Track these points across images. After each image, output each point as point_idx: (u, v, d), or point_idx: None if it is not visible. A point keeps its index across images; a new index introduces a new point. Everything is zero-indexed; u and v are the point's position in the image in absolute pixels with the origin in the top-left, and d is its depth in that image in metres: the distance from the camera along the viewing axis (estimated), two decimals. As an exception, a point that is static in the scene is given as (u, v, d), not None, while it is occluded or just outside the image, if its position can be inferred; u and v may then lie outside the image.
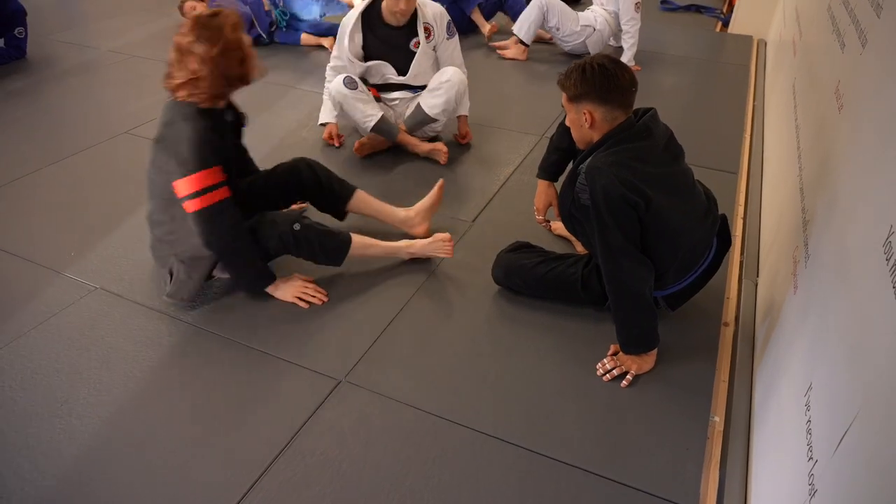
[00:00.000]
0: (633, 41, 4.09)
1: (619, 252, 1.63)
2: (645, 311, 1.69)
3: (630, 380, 1.73)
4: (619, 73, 1.62)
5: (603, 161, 1.59)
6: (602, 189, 1.57)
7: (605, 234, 1.61)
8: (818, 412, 1.09)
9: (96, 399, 1.66)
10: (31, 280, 2.09)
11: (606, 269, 1.67)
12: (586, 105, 1.63)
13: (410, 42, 2.76)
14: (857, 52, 1.58)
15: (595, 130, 1.66)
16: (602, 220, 1.60)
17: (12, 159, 2.83)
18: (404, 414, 1.63)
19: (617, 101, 1.63)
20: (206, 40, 1.70)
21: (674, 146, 1.76)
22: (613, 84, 1.61)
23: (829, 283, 1.26)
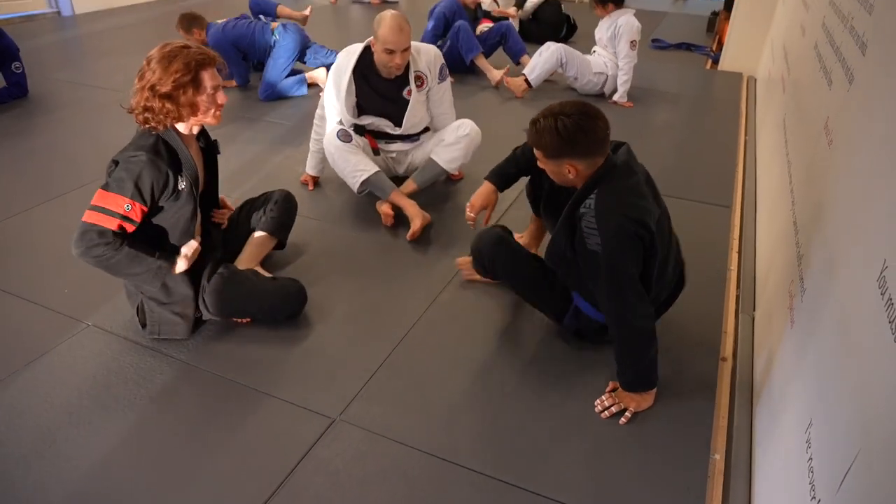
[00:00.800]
0: (626, 78, 4.19)
1: (630, 290, 1.63)
2: (649, 349, 1.68)
3: (629, 417, 1.71)
4: (594, 125, 1.61)
5: (609, 204, 1.60)
6: (616, 230, 1.58)
7: (617, 274, 1.61)
8: (820, 450, 1.08)
9: (86, 440, 1.62)
10: (23, 318, 2.07)
11: (614, 307, 1.66)
12: (567, 161, 1.63)
13: (403, 90, 2.69)
14: (845, 89, 1.61)
15: (578, 179, 1.68)
16: (615, 261, 1.60)
17: (7, 196, 2.83)
18: (401, 453, 1.60)
19: (596, 151, 1.63)
20: (154, 71, 1.70)
21: (651, 182, 1.78)
22: (592, 139, 1.61)
23: (825, 318, 1.25)
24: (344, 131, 2.65)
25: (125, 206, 1.69)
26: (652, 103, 4.37)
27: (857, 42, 1.60)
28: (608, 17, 4.18)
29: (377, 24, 2.47)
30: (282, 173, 3.13)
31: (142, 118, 1.74)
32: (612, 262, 1.60)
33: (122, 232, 1.72)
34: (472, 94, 4.44)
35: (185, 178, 1.80)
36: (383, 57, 2.52)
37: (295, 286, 2.05)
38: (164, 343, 1.95)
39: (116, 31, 5.86)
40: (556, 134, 1.60)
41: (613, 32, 4.15)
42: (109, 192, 1.70)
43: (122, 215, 1.70)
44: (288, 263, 2.39)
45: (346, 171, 2.62)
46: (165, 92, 1.69)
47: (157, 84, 1.69)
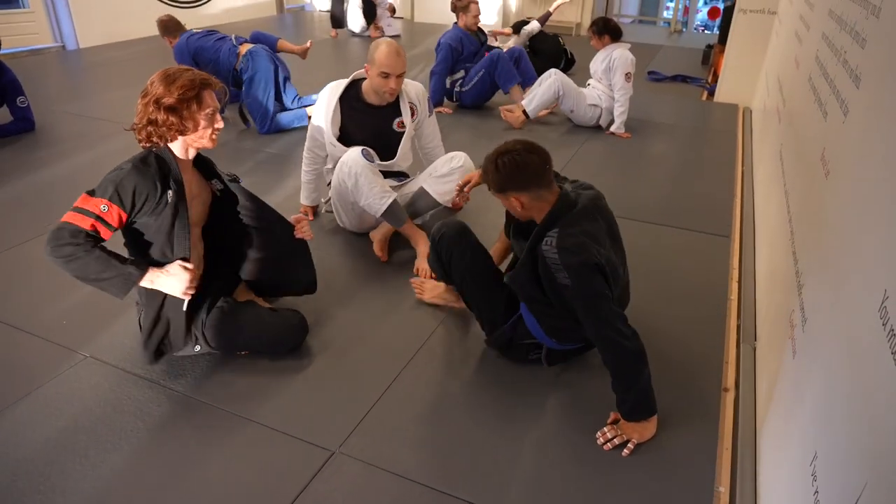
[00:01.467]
0: (622, 109, 4.25)
1: (613, 317, 1.67)
2: (643, 370, 1.69)
3: (631, 448, 1.69)
4: (528, 159, 1.71)
5: (569, 243, 1.66)
6: (579, 265, 1.64)
7: (596, 305, 1.66)
8: (826, 482, 1.06)
9: (82, 473, 1.60)
10: (21, 349, 2.05)
11: (603, 337, 1.68)
12: (511, 194, 1.74)
13: (394, 122, 2.67)
14: (840, 121, 1.63)
15: (532, 211, 1.77)
16: (588, 291, 1.65)
17: (9, 227, 2.84)
18: (401, 487, 1.58)
19: (536, 184, 1.73)
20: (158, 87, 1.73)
21: (615, 232, 1.87)
22: (526, 172, 1.71)
23: (827, 349, 1.25)
24: (366, 150, 2.57)
25: (101, 207, 1.68)
26: (649, 134, 4.42)
27: (851, 75, 1.63)
28: (604, 49, 4.26)
29: (374, 49, 2.51)
30: (285, 203, 3.15)
31: (145, 133, 1.75)
32: (586, 293, 1.65)
33: (95, 234, 1.68)
34: (474, 126, 4.49)
35: (173, 194, 1.78)
36: (378, 82, 2.53)
37: (296, 317, 2.05)
38: (162, 374, 1.93)
39: (120, 64, 5.95)
40: (496, 170, 1.73)
41: (608, 65, 4.22)
42: (90, 195, 1.70)
43: (97, 215, 1.67)
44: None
45: (371, 191, 2.48)
46: (170, 104, 1.71)
47: (163, 97, 1.71)
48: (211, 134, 1.83)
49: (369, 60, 2.54)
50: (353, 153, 2.52)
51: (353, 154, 2.52)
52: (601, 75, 4.31)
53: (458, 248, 2.01)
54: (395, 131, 2.69)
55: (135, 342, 2.06)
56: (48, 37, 6.43)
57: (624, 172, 3.75)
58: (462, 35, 4.68)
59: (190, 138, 1.80)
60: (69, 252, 1.65)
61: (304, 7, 10.13)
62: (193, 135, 1.80)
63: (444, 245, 2.03)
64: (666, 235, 2.93)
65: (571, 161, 3.83)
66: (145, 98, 1.74)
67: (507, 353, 2.03)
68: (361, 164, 2.49)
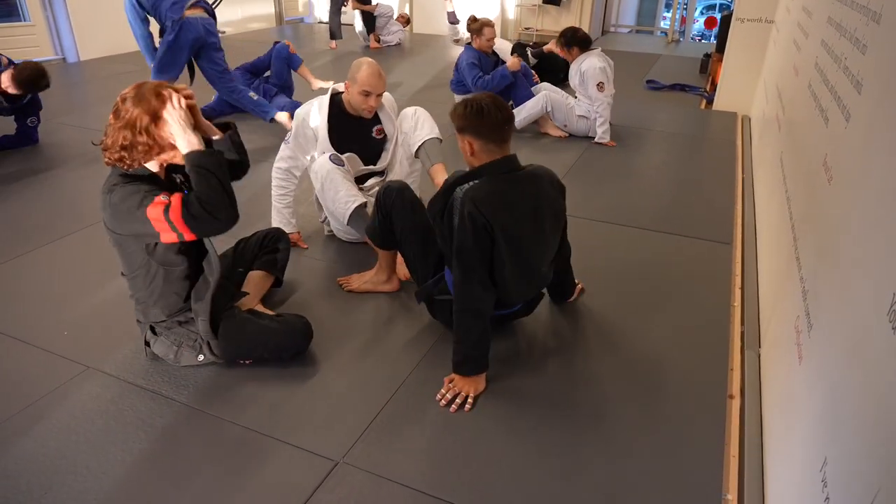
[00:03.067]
0: (602, 119, 4.28)
1: (472, 271, 1.82)
2: (483, 330, 1.86)
3: (472, 403, 1.84)
4: (493, 111, 1.84)
5: (476, 194, 1.81)
6: (468, 215, 1.78)
7: (464, 254, 1.82)
8: (836, 489, 1.05)
9: (82, 486, 1.58)
10: (22, 360, 2.04)
11: (457, 282, 1.85)
12: (467, 136, 1.87)
13: (373, 129, 2.76)
14: (842, 127, 1.63)
15: (475, 159, 1.89)
16: (464, 241, 1.81)
17: (10, 238, 2.84)
18: (406, 497, 1.57)
19: (489, 136, 1.85)
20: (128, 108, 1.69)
21: (541, 214, 1.93)
22: (486, 121, 1.84)
23: (835, 354, 1.24)
24: (336, 155, 2.60)
25: (162, 197, 1.66)
26: (649, 142, 4.43)
27: (852, 81, 1.63)
28: (574, 62, 4.27)
29: (356, 69, 2.59)
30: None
31: (117, 156, 1.71)
32: (461, 241, 1.81)
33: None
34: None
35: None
36: (358, 99, 2.61)
37: (300, 322, 2.04)
38: (163, 385, 1.92)
39: (120, 76, 5.97)
40: (462, 107, 1.87)
41: (581, 78, 4.24)
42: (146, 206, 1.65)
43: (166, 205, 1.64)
44: (286, 301, 2.39)
45: (336, 197, 2.52)
46: (144, 125, 1.67)
47: (136, 119, 1.67)
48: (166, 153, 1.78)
49: (350, 78, 2.62)
50: (322, 159, 2.58)
51: (321, 160, 2.58)
52: (577, 87, 4.33)
53: (398, 204, 2.17)
54: (376, 138, 2.78)
55: (136, 354, 2.05)
56: (49, 49, 6.45)
57: (624, 180, 3.75)
58: (479, 55, 4.72)
59: (165, 156, 1.77)
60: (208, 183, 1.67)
61: (304, 20, 10.19)
62: (167, 154, 1.76)
63: (388, 202, 2.18)
64: (667, 243, 2.93)
65: (572, 169, 3.84)
66: (119, 120, 1.69)
67: (433, 311, 2.20)
68: (326, 169, 2.54)
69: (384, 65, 6.36)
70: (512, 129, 1.91)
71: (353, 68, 2.61)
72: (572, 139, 4.42)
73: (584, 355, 2.12)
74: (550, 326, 2.28)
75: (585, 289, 2.47)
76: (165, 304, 1.90)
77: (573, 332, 2.25)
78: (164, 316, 1.92)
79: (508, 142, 1.90)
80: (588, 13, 8.73)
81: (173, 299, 1.90)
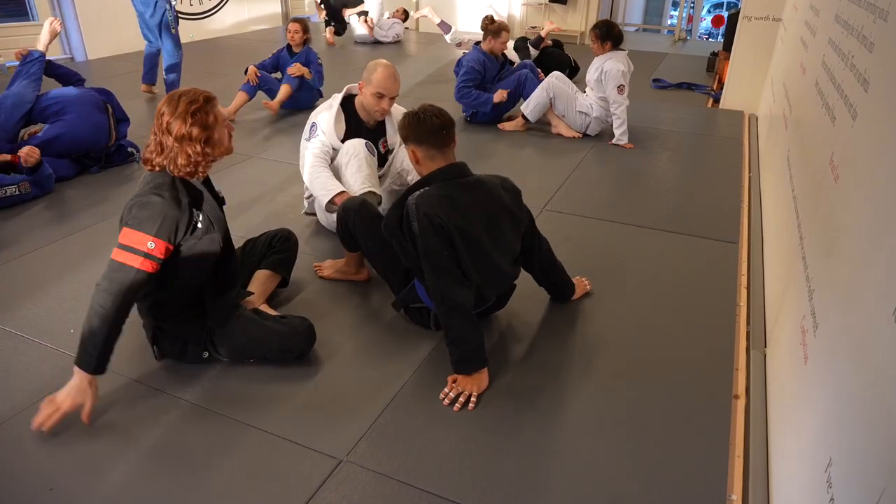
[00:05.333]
0: (620, 121, 4.23)
1: (444, 272, 1.86)
2: (472, 326, 1.88)
3: (475, 401, 1.84)
4: (429, 118, 1.91)
5: (428, 199, 1.86)
6: (425, 217, 1.83)
7: (431, 256, 1.85)
8: (841, 489, 1.05)
9: (87, 481, 1.59)
10: (28, 357, 2.06)
11: (433, 286, 1.87)
12: (410, 145, 1.95)
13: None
14: (849, 125, 1.62)
15: (422, 167, 1.96)
16: (427, 244, 1.84)
17: (18, 235, 2.86)
18: (409, 496, 1.57)
19: (428, 141, 1.92)
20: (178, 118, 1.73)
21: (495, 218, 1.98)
22: (423, 128, 1.91)
23: (840, 354, 1.23)
24: (370, 144, 2.66)
25: (148, 244, 1.70)
26: (655, 141, 4.41)
27: (859, 79, 1.62)
28: (599, 57, 4.22)
29: (371, 70, 2.60)
30: (289, 212, 3.16)
31: (178, 170, 1.76)
32: (425, 244, 1.85)
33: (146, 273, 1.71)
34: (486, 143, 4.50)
35: (203, 214, 1.82)
36: (371, 100, 2.63)
37: (304, 325, 2.04)
38: (168, 383, 1.93)
39: (127, 75, 5.99)
40: (404, 119, 1.96)
41: (600, 76, 4.19)
42: (132, 229, 1.71)
43: (145, 253, 1.70)
44: (291, 300, 2.39)
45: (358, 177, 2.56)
46: (199, 136, 1.73)
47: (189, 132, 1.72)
48: (229, 141, 1.86)
49: (365, 79, 2.62)
50: (359, 142, 2.64)
51: (359, 143, 2.63)
52: (594, 84, 4.27)
53: (359, 223, 2.20)
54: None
55: (142, 350, 2.06)
56: (57, 48, 6.48)
57: (630, 180, 3.74)
58: (485, 58, 4.63)
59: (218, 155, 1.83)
60: (101, 301, 1.69)
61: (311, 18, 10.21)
62: (219, 151, 1.83)
63: (350, 219, 2.23)
64: (673, 242, 2.92)
65: (578, 168, 3.83)
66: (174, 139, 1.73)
67: (412, 317, 2.22)
68: (362, 154, 2.60)
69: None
70: (452, 134, 1.95)
71: (368, 69, 2.61)
72: (581, 138, 4.41)
73: (589, 354, 2.11)
74: (555, 326, 2.28)
75: (592, 289, 2.46)
76: (175, 304, 1.91)
77: (578, 332, 2.25)
78: (171, 315, 1.93)
79: (450, 146, 1.95)
80: (594, 11, 8.70)
81: (184, 298, 1.91)
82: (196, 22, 7.93)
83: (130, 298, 1.73)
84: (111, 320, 1.70)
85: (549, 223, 2.99)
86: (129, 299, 1.73)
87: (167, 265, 1.78)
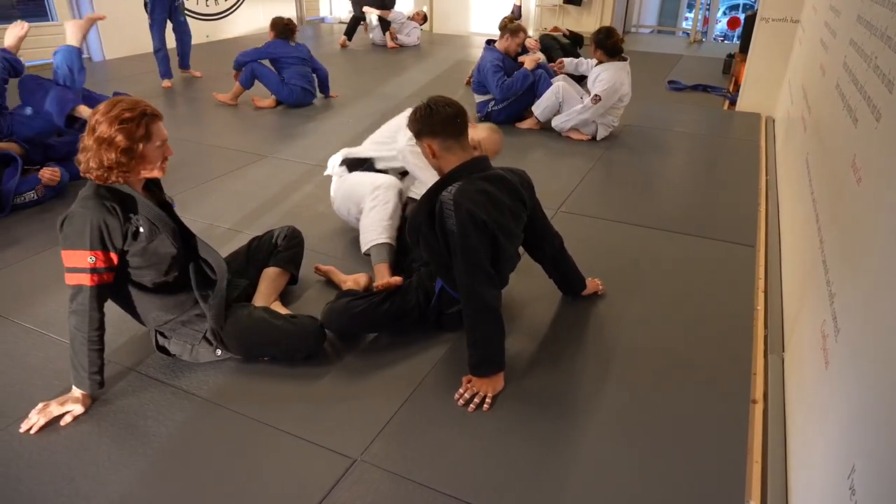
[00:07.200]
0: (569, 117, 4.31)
1: (479, 269, 1.82)
2: (498, 328, 1.86)
3: (490, 402, 1.82)
4: (440, 107, 1.87)
5: (466, 194, 1.81)
6: (467, 214, 1.78)
7: (468, 253, 1.81)
8: (865, 497, 1.03)
9: (105, 477, 1.60)
10: (46, 353, 2.07)
11: (466, 286, 1.83)
12: (425, 139, 1.90)
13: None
14: (872, 127, 1.60)
15: (441, 161, 1.91)
16: (466, 241, 1.80)
17: (32, 233, 2.88)
18: (423, 497, 1.56)
19: (443, 131, 1.87)
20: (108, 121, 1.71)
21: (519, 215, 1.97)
22: (436, 118, 1.86)
23: (864, 359, 1.21)
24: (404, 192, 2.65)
25: (89, 259, 1.70)
26: (670, 143, 4.38)
27: (883, 80, 1.60)
28: (600, 64, 4.24)
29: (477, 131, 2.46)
30: (302, 211, 3.16)
31: (102, 177, 1.74)
32: (464, 242, 1.80)
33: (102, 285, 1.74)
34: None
35: (143, 218, 1.79)
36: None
37: (314, 325, 2.04)
38: (183, 380, 1.94)
39: (143, 75, 6.05)
40: (413, 114, 1.91)
41: (593, 81, 4.23)
42: (63, 249, 1.71)
43: (90, 269, 1.70)
44: (300, 297, 2.40)
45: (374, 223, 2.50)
46: (122, 146, 1.70)
47: (113, 138, 1.70)
48: (161, 164, 1.83)
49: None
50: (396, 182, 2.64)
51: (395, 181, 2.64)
52: (590, 89, 4.31)
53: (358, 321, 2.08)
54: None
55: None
56: (75, 49, 6.55)
57: (645, 182, 3.72)
58: (503, 56, 4.69)
59: (143, 172, 1.81)
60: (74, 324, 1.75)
61: (325, 19, 10.25)
62: (145, 169, 1.80)
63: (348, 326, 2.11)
64: (689, 245, 2.89)
65: (592, 170, 3.81)
66: (94, 139, 1.71)
67: (444, 325, 2.16)
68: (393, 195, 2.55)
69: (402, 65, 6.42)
70: (466, 122, 1.91)
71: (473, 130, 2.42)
72: (592, 141, 4.39)
73: (603, 357, 2.10)
74: (570, 328, 2.26)
75: (606, 290, 2.44)
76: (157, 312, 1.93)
77: (593, 334, 2.23)
78: (164, 320, 1.94)
79: (465, 136, 1.92)
80: (609, 13, 8.67)
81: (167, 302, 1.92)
82: (212, 23, 7.98)
83: (98, 314, 1.76)
84: (88, 339, 1.75)
85: (564, 224, 2.97)
86: (98, 315, 1.76)
87: (122, 273, 1.81)
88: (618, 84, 4.15)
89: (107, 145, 1.70)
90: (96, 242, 1.71)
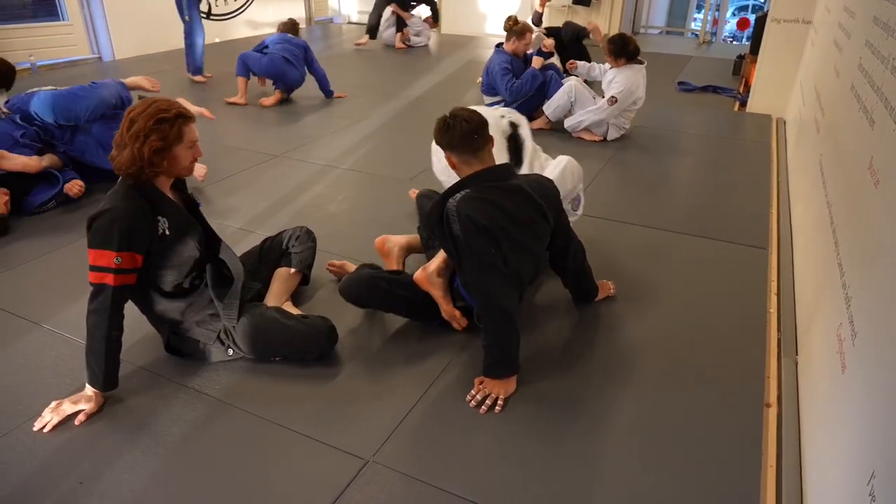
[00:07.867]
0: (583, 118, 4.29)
1: (490, 271, 1.82)
2: (513, 330, 1.85)
3: (502, 405, 1.82)
4: (457, 124, 1.88)
5: (468, 199, 1.84)
6: (468, 219, 1.80)
7: (477, 256, 1.82)
8: (887, 503, 1.02)
9: (117, 477, 1.61)
10: (59, 352, 2.08)
11: (478, 287, 1.85)
12: (446, 151, 1.94)
13: None
14: (890, 129, 1.58)
15: (460, 171, 1.94)
16: (472, 244, 1.81)
17: (45, 233, 2.90)
18: (435, 498, 1.56)
19: (460, 147, 1.90)
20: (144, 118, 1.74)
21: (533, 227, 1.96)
22: (453, 134, 1.89)
23: (883, 363, 1.20)
24: None
25: (115, 260, 1.71)
26: (680, 145, 4.36)
27: (902, 81, 1.58)
28: (615, 67, 4.23)
29: None
30: (313, 211, 3.17)
31: (135, 175, 1.77)
32: (470, 245, 1.82)
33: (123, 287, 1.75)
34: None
35: (169, 219, 1.82)
36: None
37: (325, 325, 2.03)
38: (195, 379, 1.94)
39: (153, 75, 6.06)
40: (436, 127, 1.94)
41: (609, 83, 4.23)
42: (92, 248, 1.73)
43: (114, 269, 1.72)
44: (312, 298, 2.40)
45: None
46: (155, 147, 1.74)
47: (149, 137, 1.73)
48: (190, 164, 1.87)
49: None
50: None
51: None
52: (606, 89, 4.30)
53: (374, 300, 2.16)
54: None
55: (169, 347, 2.08)
56: (86, 48, 6.59)
57: (656, 183, 3.70)
58: (511, 58, 4.67)
59: (172, 171, 1.85)
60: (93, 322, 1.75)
61: (334, 20, 10.26)
62: (175, 169, 1.84)
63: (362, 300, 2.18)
64: (700, 247, 2.88)
65: (602, 171, 3.79)
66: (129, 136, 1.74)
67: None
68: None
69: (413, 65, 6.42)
70: (485, 136, 1.90)
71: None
72: (603, 142, 4.37)
73: (615, 360, 2.09)
74: (582, 330, 2.26)
75: (617, 293, 2.43)
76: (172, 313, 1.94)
77: (604, 337, 2.22)
78: (178, 320, 1.95)
79: (485, 149, 1.91)
80: (618, 14, 8.63)
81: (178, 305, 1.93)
82: (222, 22, 8.00)
83: (118, 315, 1.78)
84: (106, 338, 1.76)
85: (575, 226, 2.95)
86: (118, 315, 1.77)
87: (145, 274, 1.82)
88: (633, 87, 4.15)
89: (140, 143, 1.73)
90: (124, 244, 1.72)
